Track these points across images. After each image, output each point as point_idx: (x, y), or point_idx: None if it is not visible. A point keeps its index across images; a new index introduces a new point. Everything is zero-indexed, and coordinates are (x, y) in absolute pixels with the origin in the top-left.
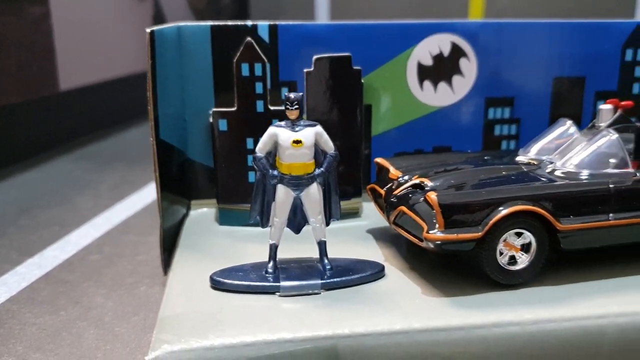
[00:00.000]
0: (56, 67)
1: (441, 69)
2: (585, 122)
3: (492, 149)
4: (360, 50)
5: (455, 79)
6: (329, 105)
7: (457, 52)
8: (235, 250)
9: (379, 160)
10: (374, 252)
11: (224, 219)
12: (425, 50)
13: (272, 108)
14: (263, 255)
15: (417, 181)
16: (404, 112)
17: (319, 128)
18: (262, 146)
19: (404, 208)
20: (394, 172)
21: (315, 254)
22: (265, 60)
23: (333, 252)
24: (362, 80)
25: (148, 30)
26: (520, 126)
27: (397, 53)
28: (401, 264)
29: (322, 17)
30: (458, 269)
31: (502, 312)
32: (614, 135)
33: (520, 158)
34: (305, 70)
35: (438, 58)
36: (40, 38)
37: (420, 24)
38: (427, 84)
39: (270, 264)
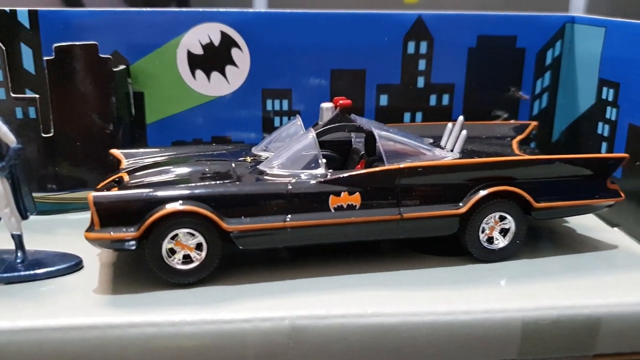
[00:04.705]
0: None
1: (213, 59)
2: (367, 115)
3: None
4: (128, 37)
5: (229, 69)
6: (77, 93)
7: (227, 41)
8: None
9: (114, 151)
10: None
11: None
12: (195, 39)
13: (14, 95)
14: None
15: (118, 176)
16: (178, 101)
17: None
18: None
19: None
20: (123, 164)
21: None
22: (3, 47)
23: (55, 244)
24: (126, 67)
25: None
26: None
27: (165, 41)
28: (109, 259)
29: (260, 5)
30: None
31: (146, 312)
32: (312, 135)
33: (255, 153)
34: (45, 58)
35: (209, 47)
36: None
37: (187, 12)
38: (200, 73)
39: None
